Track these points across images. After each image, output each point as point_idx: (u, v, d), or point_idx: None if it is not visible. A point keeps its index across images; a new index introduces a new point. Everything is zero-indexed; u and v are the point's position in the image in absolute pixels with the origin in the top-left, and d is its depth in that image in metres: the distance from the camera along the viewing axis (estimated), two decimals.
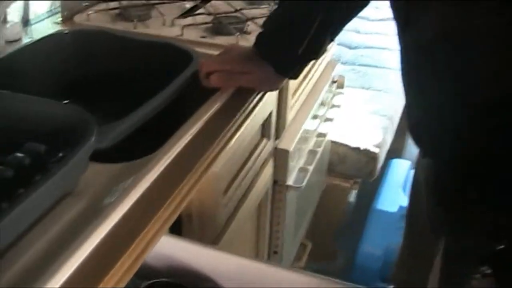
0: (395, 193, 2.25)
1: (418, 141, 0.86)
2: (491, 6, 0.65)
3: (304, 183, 1.42)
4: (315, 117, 1.56)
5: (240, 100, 0.99)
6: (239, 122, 0.97)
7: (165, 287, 0.85)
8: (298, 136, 1.37)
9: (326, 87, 1.64)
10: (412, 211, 1.12)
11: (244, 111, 0.98)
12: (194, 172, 0.81)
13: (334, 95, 1.80)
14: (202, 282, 0.86)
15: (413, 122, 0.85)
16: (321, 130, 1.64)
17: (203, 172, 0.83)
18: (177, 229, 0.97)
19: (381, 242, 2.06)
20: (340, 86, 1.86)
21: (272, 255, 1.50)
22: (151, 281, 0.84)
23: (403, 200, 2.19)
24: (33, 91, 0.82)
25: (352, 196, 2.09)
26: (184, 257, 0.87)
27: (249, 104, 1.00)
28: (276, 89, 1.05)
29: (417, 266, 1.05)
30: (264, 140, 1.19)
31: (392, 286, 1.58)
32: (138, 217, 0.70)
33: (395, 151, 2.46)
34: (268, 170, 1.25)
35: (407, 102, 0.85)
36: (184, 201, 0.78)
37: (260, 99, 1.05)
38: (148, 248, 0.71)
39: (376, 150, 1.95)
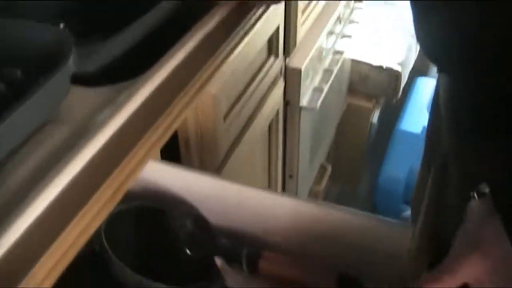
0: (419, 114, 2.17)
1: (428, 55, 0.78)
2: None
3: (318, 104, 1.35)
4: (331, 33, 1.47)
5: (240, 14, 0.91)
6: (238, 37, 0.90)
7: (138, 210, 0.80)
8: (311, 53, 1.29)
9: (343, 2, 1.54)
10: (431, 131, 1.05)
11: (244, 26, 0.90)
12: (185, 93, 0.75)
13: (352, 10, 1.70)
14: (179, 205, 0.81)
15: (422, 35, 0.78)
16: (338, 47, 1.55)
17: (196, 93, 0.77)
18: (175, 158, 0.92)
19: (404, 165, 2.01)
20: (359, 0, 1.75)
21: (288, 179, 1.45)
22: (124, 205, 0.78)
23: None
24: (22, 13, 0.76)
25: (375, 117, 2.02)
26: (163, 181, 0.82)
27: (250, 18, 0.93)
28: (279, 1, 0.97)
29: None
30: (272, 58, 1.12)
31: None
32: (123, 141, 0.65)
33: (420, 70, 2.37)
34: (278, 90, 1.18)
35: (414, 14, 0.77)
36: (174, 124, 0.73)
37: (264, 12, 0.97)
38: (134, 174, 0.66)
39: (399, 68, 1.87)
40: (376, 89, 1.92)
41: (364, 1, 1.81)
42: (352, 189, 2.14)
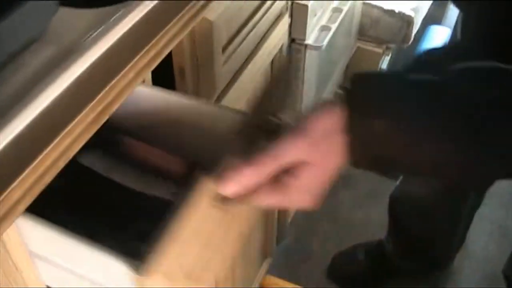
0: None
1: None
2: None
3: (325, 42, 1.31)
4: None
5: None
6: None
7: None
8: None
9: None
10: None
11: None
12: (181, 17, 0.72)
13: None
14: None
15: None
16: None
17: (192, 18, 0.74)
18: (171, 86, 0.89)
19: None
20: None
21: None
22: None
23: None
24: None
25: (385, 63, 1.97)
26: None
27: None
28: None
29: None
30: None
31: None
32: (112, 62, 0.63)
33: (434, 18, 2.30)
34: (283, 26, 1.14)
35: None
36: (166, 48, 0.70)
37: None
38: (120, 97, 0.64)
39: (411, 13, 1.81)
40: (386, 34, 1.87)
41: None
42: None
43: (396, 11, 1.80)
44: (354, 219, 1.71)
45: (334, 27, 1.36)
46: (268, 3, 1.04)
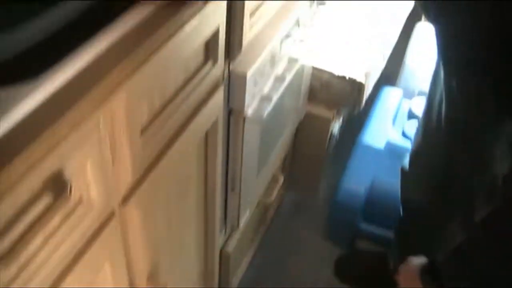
0: (384, 126, 2.08)
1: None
2: None
3: (265, 114, 1.24)
4: (287, 37, 1.36)
5: (167, 14, 0.81)
6: (162, 38, 0.79)
7: None
8: (261, 59, 1.18)
9: (304, 2, 1.43)
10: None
11: (172, 24, 0.81)
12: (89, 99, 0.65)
13: (314, 13, 1.59)
14: None
15: None
16: (295, 53, 1.44)
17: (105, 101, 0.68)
18: None
19: (364, 179, 1.91)
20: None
21: (230, 193, 1.35)
22: None
23: (392, 134, 2.02)
24: None
25: (335, 128, 1.92)
26: None
27: (181, 16, 0.83)
28: None
29: None
30: (209, 63, 1.00)
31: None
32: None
33: (388, 78, 2.27)
34: (218, 98, 1.06)
35: None
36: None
37: (199, 11, 0.87)
38: None
39: (363, 79, 1.75)
40: (337, 98, 1.82)
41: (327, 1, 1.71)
42: (311, 199, 2.04)
43: (347, 77, 1.75)
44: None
45: (275, 97, 1.29)
46: (200, 76, 0.98)
